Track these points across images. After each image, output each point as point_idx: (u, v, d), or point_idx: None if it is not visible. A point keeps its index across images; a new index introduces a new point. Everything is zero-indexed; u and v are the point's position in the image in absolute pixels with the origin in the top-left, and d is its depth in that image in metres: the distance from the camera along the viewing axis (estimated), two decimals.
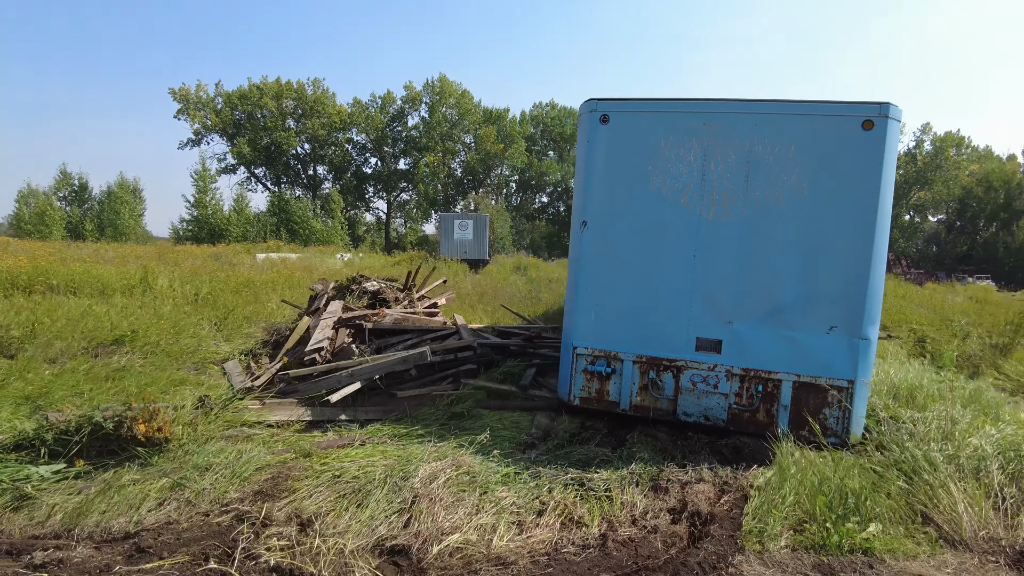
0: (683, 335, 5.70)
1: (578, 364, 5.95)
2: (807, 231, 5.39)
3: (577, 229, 5.89)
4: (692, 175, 5.58)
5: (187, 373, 6.95)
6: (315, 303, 8.25)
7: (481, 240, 31.81)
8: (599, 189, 5.76)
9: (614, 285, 5.80)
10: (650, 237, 5.69)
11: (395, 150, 60.42)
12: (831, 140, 5.32)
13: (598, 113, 5.72)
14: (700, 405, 5.77)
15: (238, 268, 21.70)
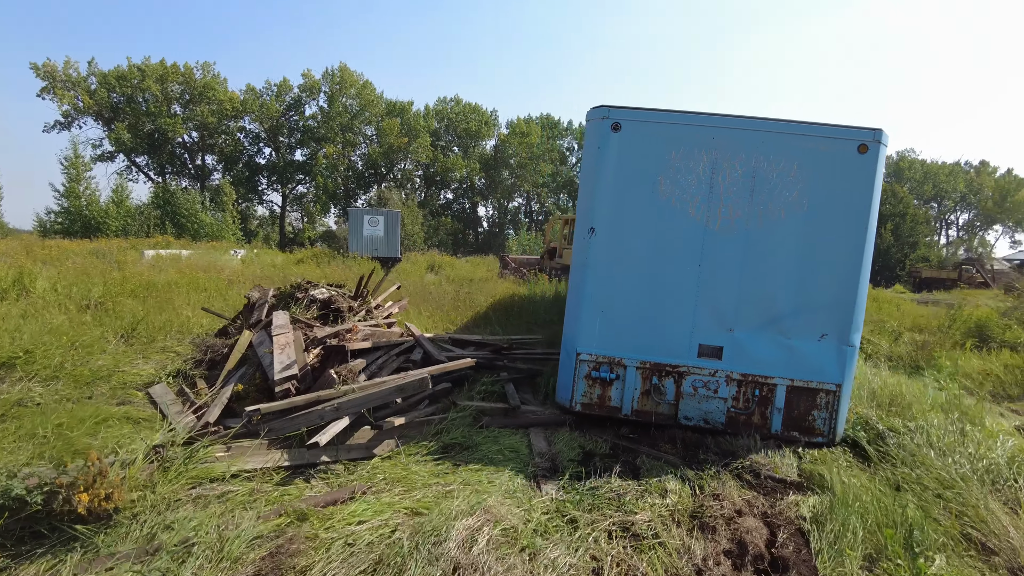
0: (686, 342, 5.86)
1: (580, 370, 5.97)
2: (805, 244, 5.68)
3: (583, 235, 5.90)
4: (701, 187, 5.72)
5: (105, 404, 5.67)
6: (254, 314, 7.10)
7: (393, 237, 30.49)
8: (608, 196, 5.81)
9: (620, 292, 5.86)
10: (658, 246, 5.81)
11: (291, 140, 57.24)
12: (829, 160, 5.61)
13: (610, 120, 5.76)
14: (701, 409, 5.92)
15: (127, 267, 19.39)
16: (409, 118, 57.47)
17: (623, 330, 5.90)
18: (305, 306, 7.02)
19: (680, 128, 5.76)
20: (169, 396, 5.91)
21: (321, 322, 6.87)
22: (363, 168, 59.65)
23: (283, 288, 7.46)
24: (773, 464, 5.61)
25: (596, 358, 5.95)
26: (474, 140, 61.89)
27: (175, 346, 8.63)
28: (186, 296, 12.74)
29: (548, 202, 64.89)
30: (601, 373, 5.97)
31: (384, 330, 6.48)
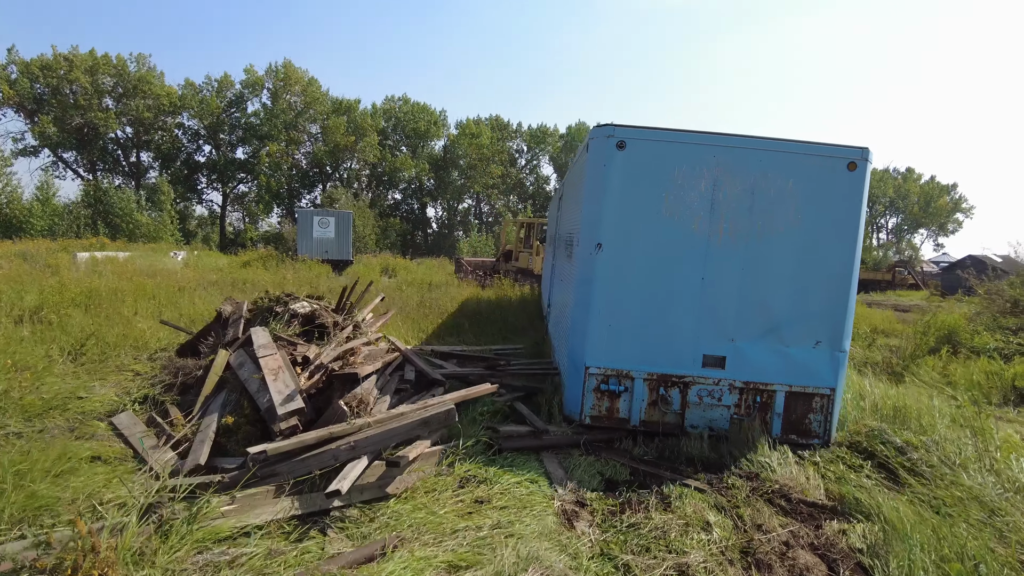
0: (690, 352, 6.04)
1: (589, 383, 6.09)
2: (800, 256, 5.96)
3: (589, 251, 6.02)
4: (703, 203, 5.94)
5: (63, 439, 4.91)
6: (229, 330, 6.41)
7: (344, 239, 29.50)
8: (614, 213, 5.97)
9: (627, 306, 6.01)
10: (662, 260, 5.99)
11: (232, 138, 54.97)
12: (822, 177, 5.91)
13: (615, 139, 5.90)
14: (706, 417, 6.11)
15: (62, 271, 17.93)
16: (356, 116, 56.08)
17: (630, 343, 6.06)
18: (286, 321, 6.36)
19: (683, 147, 5.94)
20: (139, 427, 5.19)
21: (304, 339, 6.24)
22: (308, 167, 57.87)
23: (260, 301, 6.76)
24: (800, 486, 5.39)
25: (604, 371, 6.08)
26: (423, 140, 60.96)
27: (132, 364, 7.81)
28: (133, 305, 11.74)
29: (498, 204, 64.55)
30: (610, 386, 6.09)
31: (377, 348, 5.91)
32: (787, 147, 5.97)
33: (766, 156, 5.93)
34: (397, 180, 59.30)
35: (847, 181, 5.94)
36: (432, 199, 62.52)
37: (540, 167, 68.18)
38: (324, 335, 6.33)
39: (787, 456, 5.84)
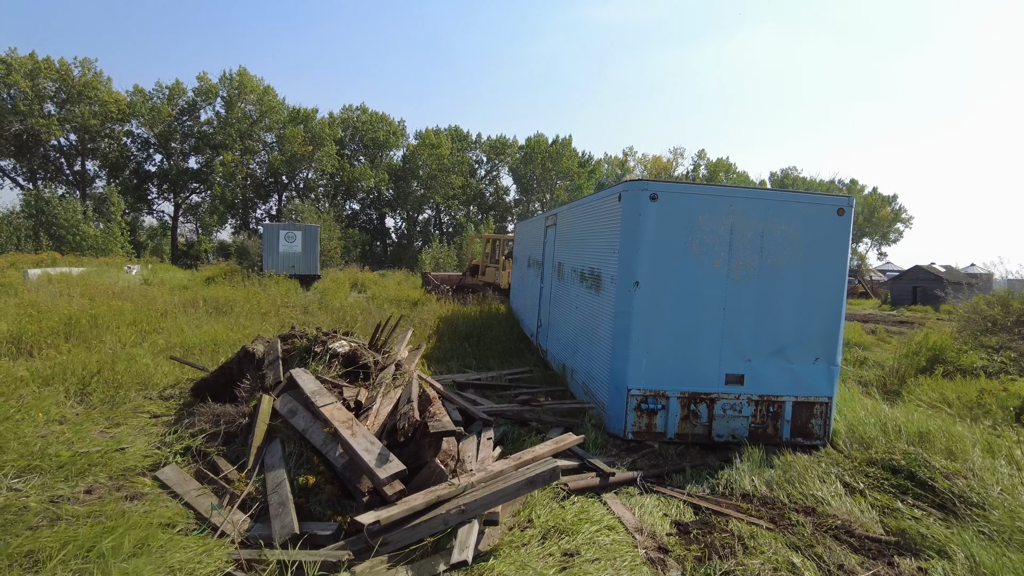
0: (715, 372, 7.07)
1: (631, 403, 6.96)
2: (801, 287, 7.11)
3: (627, 288, 6.96)
4: (722, 245, 7.00)
5: (113, 501, 4.57)
6: (268, 374, 6.12)
7: (312, 253, 28.83)
8: (648, 255, 6.93)
9: (661, 334, 6.97)
10: (690, 294, 6.98)
11: (185, 147, 53.21)
12: (816, 221, 7.10)
13: (648, 192, 6.90)
14: (729, 427, 7.15)
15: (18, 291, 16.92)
16: (314, 126, 55.03)
17: (664, 366, 6.97)
18: (327, 362, 6.13)
19: (705, 198, 7.00)
20: (190, 484, 4.90)
21: (347, 380, 6.03)
22: (263, 177, 56.46)
23: (298, 343, 6.49)
24: (857, 520, 5.48)
25: (644, 392, 6.98)
26: (382, 150, 60.29)
27: (146, 404, 7.40)
28: (116, 332, 11.18)
29: (459, 215, 64.30)
30: (649, 404, 7.00)
31: (429, 389, 5.74)
32: (788, 197, 7.19)
33: (772, 205, 7.08)
34: (356, 190, 58.42)
35: (836, 224, 7.15)
36: (391, 209, 61.84)
37: (500, 178, 68.37)
38: (367, 376, 6.12)
39: (837, 487, 5.96)
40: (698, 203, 6.97)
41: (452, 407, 6.45)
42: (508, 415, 6.80)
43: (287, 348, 6.50)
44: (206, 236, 55.68)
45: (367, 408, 5.40)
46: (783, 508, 5.63)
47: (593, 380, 7.84)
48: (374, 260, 55.37)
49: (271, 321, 13.27)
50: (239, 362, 6.85)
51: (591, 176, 66.67)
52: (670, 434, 7.02)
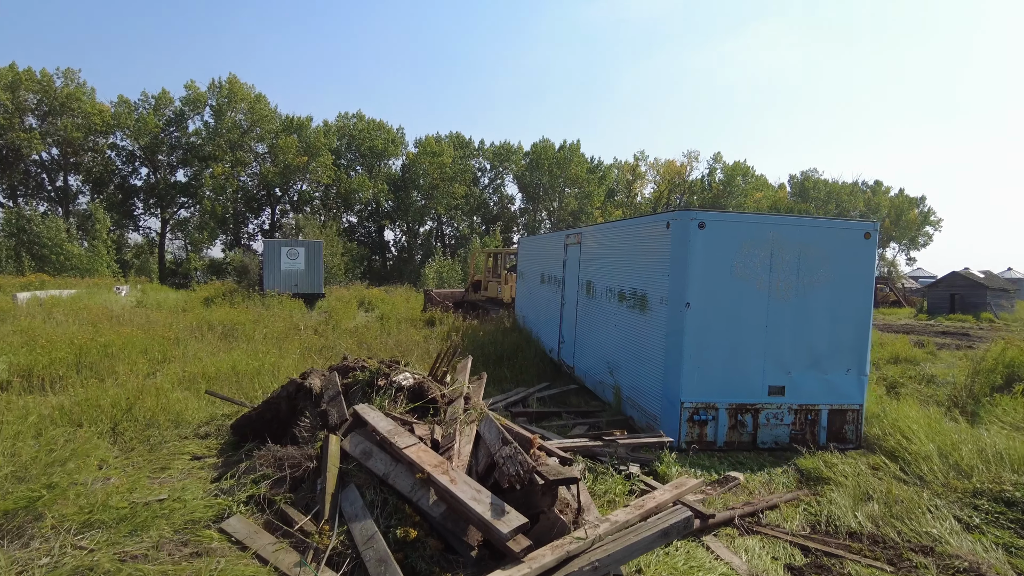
0: (759, 384, 8.10)
1: (684, 415, 7.88)
2: (833, 304, 8.19)
3: (679, 309, 7.89)
4: (763, 267, 8.04)
5: (186, 560, 4.42)
6: (330, 411, 5.99)
7: (315, 271, 28.76)
8: (697, 278, 7.86)
9: (710, 351, 7.91)
10: (735, 313, 7.97)
11: (172, 159, 53.31)
12: (847, 245, 8.21)
13: (697, 221, 7.84)
14: (772, 435, 8.19)
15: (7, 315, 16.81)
16: (308, 135, 55.16)
17: (713, 380, 7.93)
18: (392, 397, 6.00)
19: (748, 225, 8.05)
20: (264, 538, 4.74)
21: (415, 416, 5.89)
22: (255, 189, 56.54)
23: (357, 375, 6.36)
24: (984, 562, 5.32)
25: (696, 405, 7.91)
26: (380, 159, 60.45)
27: (185, 446, 7.25)
28: (128, 362, 11.05)
29: (462, 225, 64.34)
30: (701, 416, 7.94)
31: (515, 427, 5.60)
32: (822, 223, 8.35)
33: (807, 230, 8.15)
34: (353, 201, 58.45)
35: (863, 246, 8.25)
36: (391, 221, 61.87)
37: (504, 186, 68.54)
38: (436, 411, 5.99)
39: (951, 523, 5.81)
40: (741, 230, 7.99)
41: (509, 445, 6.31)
42: (582, 451, 6.67)
43: (346, 382, 6.37)
44: (195, 253, 55.65)
45: (446, 448, 5.26)
46: (898, 548, 5.49)
47: (641, 394, 8.71)
48: (374, 275, 55.32)
49: (292, 346, 13.16)
50: (289, 397, 6.73)
51: (601, 183, 66.82)
52: (719, 443, 7.98)
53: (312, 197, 57.96)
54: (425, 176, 59.37)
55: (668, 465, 6.84)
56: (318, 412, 6.13)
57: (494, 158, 66.09)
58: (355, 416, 5.78)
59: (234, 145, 52.98)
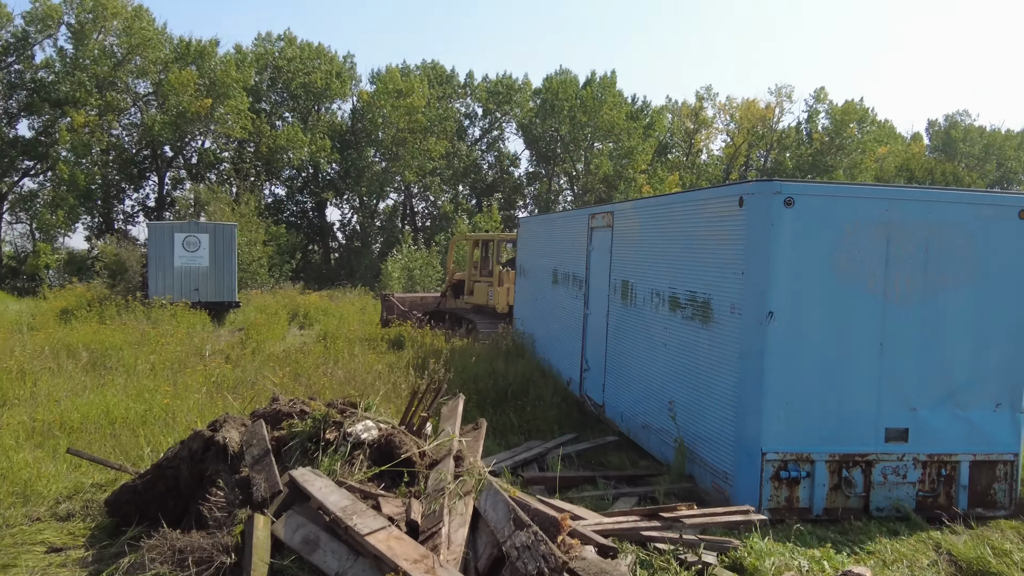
0: (871, 426, 8.23)
1: (766, 471, 8.02)
2: (977, 311, 8.28)
3: (756, 320, 8.03)
4: (876, 261, 8.15)
5: None
6: (253, 476, 6.01)
7: (226, 267, 28.95)
8: (784, 277, 8.03)
9: (802, 379, 8.08)
10: (838, 325, 8.15)
11: (12, 104, 53.64)
12: (995, 227, 8.26)
13: (782, 196, 7.91)
14: (891, 497, 8.29)
15: None
16: (213, 66, 55.33)
17: (808, 421, 8.10)
18: (345, 456, 6.06)
19: (853, 201, 8.23)
20: None
21: (382, 486, 5.92)
22: (135, 148, 56.75)
23: (292, 425, 6.40)
24: None
25: (783, 456, 8.06)
26: (319, 102, 60.69)
27: (39, 532, 7.29)
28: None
29: (442, 199, 64.51)
30: (790, 472, 8.08)
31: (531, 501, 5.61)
32: (959, 197, 8.57)
33: (937, 208, 8.26)
34: (280, 165, 58.62)
35: (1019, 229, 8.31)
36: (336, 194, 62.02)
37: (505, 140, 68.73)
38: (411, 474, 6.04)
39: None
40: (844, 208, 8.14)
41: None
42: (630, 535, 6.69)
43: (279, 435, 6.42)
44: (46, 244, 55.68)
45: (429, 533, 5.32)
46: None
47: (703, 443, 8.96)
48: (312, 274, 55.49)
49: (193, 380, 13.22)
50: (193, 458, 6.81)
51: (648, 134, 66.95)
52: (816, 510, 8.18)
53: (219, 159, 58.15)
54: (386, 126, 59.53)
55: (759, 555, 6.84)
56: (237, 480, 6.22)
57: (489, 99, 66.29)
58: (292, 486, 5.84)
59: (103, 83, 53.19)
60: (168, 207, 56.30)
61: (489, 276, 24.44)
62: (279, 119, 60.03)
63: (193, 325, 23.52)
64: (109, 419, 10.60)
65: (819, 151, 68.96)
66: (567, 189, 69.43)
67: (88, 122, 52.68)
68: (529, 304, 18.35)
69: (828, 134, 69.63)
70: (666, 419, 9.91)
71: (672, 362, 9.88)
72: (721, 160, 73.38)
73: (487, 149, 68.68)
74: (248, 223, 40.61)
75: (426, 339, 19.89)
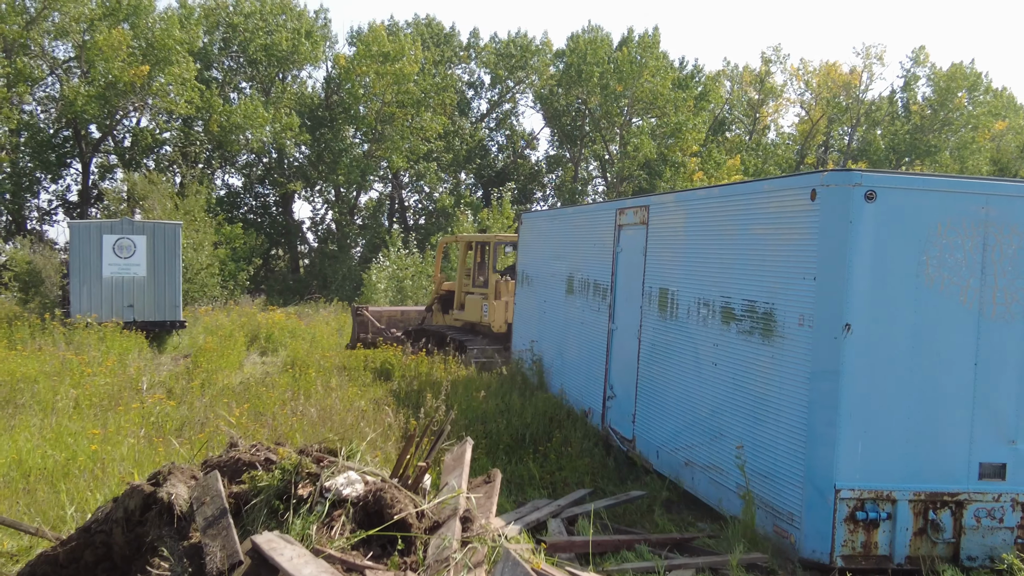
0: (963, 461, 8.65)
1: (840, 511, 8.41)
2: None
3: (831, 333, 8.48)
4: (971, 267, 8.55)
5: None
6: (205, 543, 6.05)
7: (168, 278, 29.07)
8: (864, 284, 8.49)
9: (883, 405, 8.56)
10: (925, 342, 8.63)
11: None
12: None
13: (863, 188, 8.36)
14: (985, 545, 8.66)
15: None
16: (151, 25, 55.73)
17: (889, 454, 8.58)
18: (323, 518, 6.11)
19: (945, 196, 8.66)
20: None
21: (370, 555, 5.95)
22: (53, 129, 57.14)
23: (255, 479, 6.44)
24: None
25: (860, 494, 8.46)
26: (284, 69, 61.01)
27: None
28: None
29: (440, 190, 64.66)
30: (868, 512, 8.45)
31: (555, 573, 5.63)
32: None
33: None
34: (236, 149, 58.91)
35: None
36: (306, 184, 62.29)
37: (519, 115, 68.88)
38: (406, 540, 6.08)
39: None
40: (934, 204, 8.59)
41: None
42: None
43: (238, 491, 6.46)
44: None
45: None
46: None
47: (763, 479, 9.41)
48: (276, 285, 55.68)
49: (127, 420, 13.28)
50: (130, 520, 6.81)
51: (700, 106, 66.93)
52: (898, 558, 8.56)
53: (159, 141, 58.50)
54: (369, 99, 59.79)
55: None
56: (185, 548, 6.26)
57: (499, 64, 66.47)
58: (256, 555, 5.86)
59: (11, 46, 53.60)
60: (95, 202, 56.59)
61: (484, 287, 24.75)
62: (234, 90, 60.32)
63: (127, 351, 23.64)
64: (22, 470, 10.63)
65: (918, 127, 68.85)
66: (598, 177, 69.63)
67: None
68: (533, 319, 18.90)
69: (930, 106, 69.54)
70: (716, 454, 10.38)
71: (724, 385, 10.33)
72: (794, 139, 73.35)
73: (496, 127, 68.93)
74: (195, 221, 40.74)
75: (420, 368, 19.94)
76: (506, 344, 22.16)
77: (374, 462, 7.35)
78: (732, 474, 9.90)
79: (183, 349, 27.16)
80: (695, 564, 8.90)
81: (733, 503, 9.96)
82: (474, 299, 24.82)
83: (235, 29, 60.29)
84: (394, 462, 7.36)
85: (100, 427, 12.78)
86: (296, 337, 28.84)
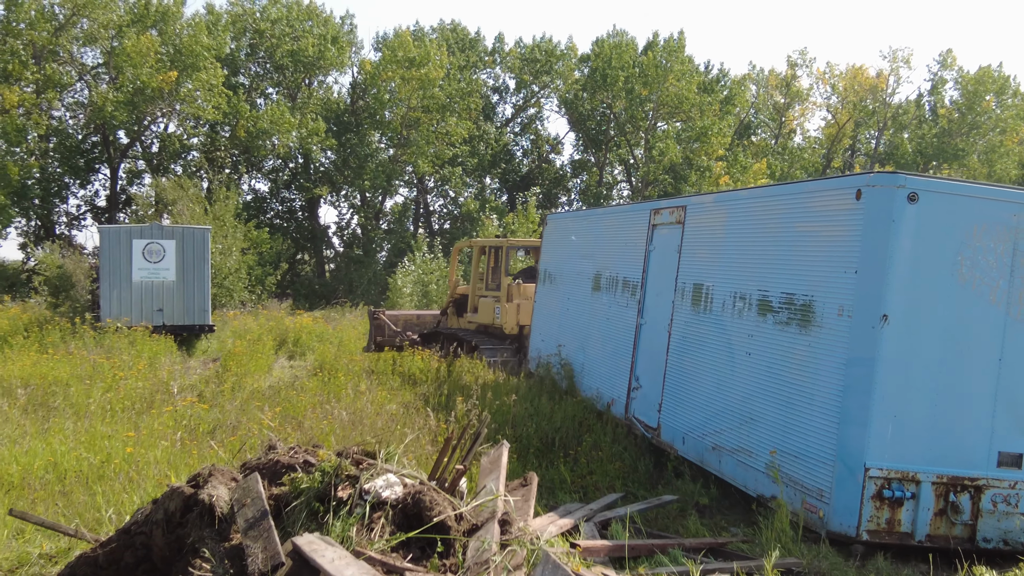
0: (984, 449, 9.30)
1: (868, 489, 9.07)
2: None
3: (868, 323, 9.14)
4: (1001, 270, 9.17)
5: None
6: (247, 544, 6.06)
7: (197, 282, 29.12)
8: (902, 278, 9.11)
9: (913, 392, 9.23)
10: (954, 336, 9.29)
11: None
12: None
13: (906, 190, 8.96)
14: (1000, 529, 9.34)
15: None
16: (179, 30, 55.97)
17: (916, 438, 9.22)
18: (364, 519, 6.12)
19: (981, 202, 9.24)
20: None
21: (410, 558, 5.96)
22: (82, 134, 57.39)
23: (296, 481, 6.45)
24: None
25: (887, 473, 9.10)
26: (310, 75, 61.11)
27: None
28: None
29: (465, 195, 64.63)
30: (893, 491, 9.08)
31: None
32: None
33: None
34: (263, 154, 59.07)
35: None
36: (332, 189, 62.39)
37: (544, 120, 68.79)
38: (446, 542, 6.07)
39: None
40: (971, 209, 9.16)
41: None
42: None
43: (278, 493, 6.46)
44: None
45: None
46: None
47: (794, 459, 9.99)
48: (303, 289, 55.76)
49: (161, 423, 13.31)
50: (170, 522, 6.82)
51: (725, 110, 66.69)
52: (919, 536, 9.23)
53: (187, 147, 58.66)
54: (395, 104, 59.83)
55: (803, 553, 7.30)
56: (226, 550, 6.27)
57: (524, 69, 66.41)
58: (297, 557, 5.87)
59: (41, 53, 53.87)
60: (123, 207, 56.81)
61: (497, 290, 24.96)
62: (261, 96, 60.45)
63: (157, 354, 23.66)
64: (57, 473, 10.64)
65: (946, 131, 68.49)
66: (622, 181, 69.41)
67: (22, 101, 53.42)
68: (555, 316, 19.25)
69: (958, 109, 69.17)
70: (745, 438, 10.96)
71: (757, 373, 10.94)
72: (820, 143, 73.00)
73: (521, 132, 68.85)
74: (223, 226, 40.86)
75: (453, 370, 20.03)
76: (518, 346, 22.64)
77: (411, 465, 7.35)
78: (761, 456, 10.47)
79: (212, 353, 27.24)
80: (730, 568, 8.85)
81: (761, 483, 10.47)
82: (487, 302, 25.02)
83: (262, 35, 60.46)
84: (428, 465, 7.34)
85: (133, 430, 12.81)
86: (324, 341, 28.85)
